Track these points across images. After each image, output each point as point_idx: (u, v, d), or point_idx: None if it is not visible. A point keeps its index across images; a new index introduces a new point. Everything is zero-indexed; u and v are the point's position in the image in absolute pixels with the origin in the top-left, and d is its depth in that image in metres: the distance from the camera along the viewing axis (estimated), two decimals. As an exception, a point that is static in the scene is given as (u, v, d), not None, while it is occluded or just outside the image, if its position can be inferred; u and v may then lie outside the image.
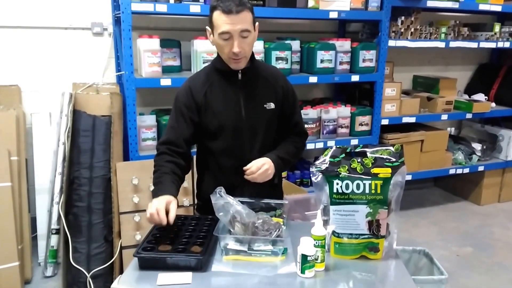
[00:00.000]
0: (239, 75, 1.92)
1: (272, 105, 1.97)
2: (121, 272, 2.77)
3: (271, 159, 1.93)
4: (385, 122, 3.87)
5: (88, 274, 2.85)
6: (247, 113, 1.93)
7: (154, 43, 3.04)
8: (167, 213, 1.68)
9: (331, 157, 1.67)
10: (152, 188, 1.86)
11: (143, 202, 2.91)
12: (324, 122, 3.67)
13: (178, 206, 2.98)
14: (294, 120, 2.08)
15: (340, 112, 3.73)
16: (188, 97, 1.93)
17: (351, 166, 1.65)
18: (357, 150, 1.69)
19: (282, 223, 1.77)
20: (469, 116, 4.24)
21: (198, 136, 1.98)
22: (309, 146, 3.55)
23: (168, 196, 1.72)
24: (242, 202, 1.76)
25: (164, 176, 1.83)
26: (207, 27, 1.88)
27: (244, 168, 1.89)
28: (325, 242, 1.60)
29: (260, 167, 1.88)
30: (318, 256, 1.57)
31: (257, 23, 1.89)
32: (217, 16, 1.78)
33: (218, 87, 1.94)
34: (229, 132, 1.93)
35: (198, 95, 1.93)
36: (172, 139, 1.92)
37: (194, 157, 2.14)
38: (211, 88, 1.94)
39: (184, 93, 1.95)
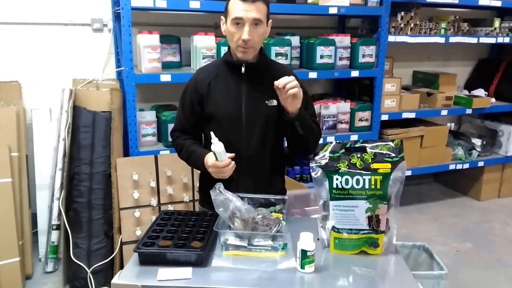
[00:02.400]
0: (243, 68, 1.93)
1: (274, 102, 1.95)
2: (122, 267, 2.77)
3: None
4: (385, 117, 3.87)
5: (89, 269, 2.86)
6: (247, 107, 1.94)
7: (154, 39, 3.04)
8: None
9: (330, 152, 1.68)
10: (189, 162, 2.06)
11: (143, 197, 2.92)
12: (324, 117, 3.67)
13: (178, 202, 3.02)
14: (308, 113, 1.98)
15: (339, 108, 3.73)
16: (193, 89, 2.00)
17: (351, 162, 1.65)
18: (357, 145, 1.70)
19: (281, 219, 1.77)
20: (469, 111, 4.24)
21: (202, 125, 2.03)
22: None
23: (209, 153, 1.88)
24: (241, 198, 1.77)
25: (191, 146, 2.01)
26: (222, 17, 1.91)
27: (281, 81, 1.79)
28: None
29: (291, 81, 1.78)
30: None
31: (270, 20, 1.93)
32: (233, 3, 1.82)
33: (223, 79, 1.97)
34: (227, 123, 1.95)
35: (202, 85, 1.97)
36: (179, 128, 2.09)
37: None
38: (216, 79, 1.98)
39: (190, 85, 2.02)
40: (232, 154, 1.85)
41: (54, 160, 3.17)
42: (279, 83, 1.79)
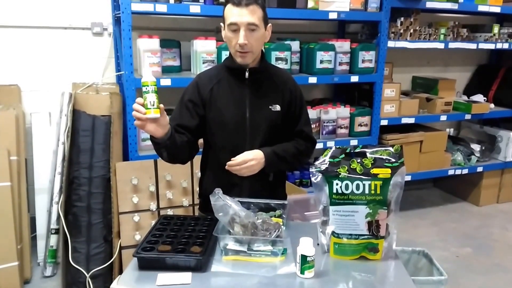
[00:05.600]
0: (246, 74, 1.93)
1: (277, 107, 1.97)
2: (120, 272, 2.77)
3: (264, 153, 1.92)
4: (384, 122, 3.87)
5: (88, 274, 2.85)
6: (251, 113, 1.94)
7: (154, 43, 3.04)
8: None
9: (330, 157, 1.68)
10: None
11: (143, 202, 2.91)
12: (324, 122, 3.67)
13: (178, 206, 3.00)
14: (298, 127, 2.05)
15: (339, 113, 3.74)
16: (194, 93, 1.97)
17: (351, 167, 1.65)
18: (357, 150, 1.70)
19: (281, 223, 1.77)
20: (468, 117, 4.25)
21: (202, 130, 2.00)
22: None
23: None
24: (242, 203, 1.76)
25: None
26: (221, 23, 1.91)
27: (232, 159, 1.89)
28: (156, 87, 1.71)
29: (247, 161, 1.88)
30: (153, 101, 1.69)
31: (270, 24, 1.93)
32: (228, 8, 1.83)
33: (225, 84, 1.97)
34: (230, 129, 1.95)
35: (204, 90, 1.96)
36: (172, 126, 1.90)
37: (199, 157, 2.15)
38: (218, 84, 1.97)
39: (191, 88, 2.00)
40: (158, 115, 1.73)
41: (53, 164, 3.17)
42: (230, 165, 1.88)
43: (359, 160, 1.66)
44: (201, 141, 2.08)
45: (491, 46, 4.24)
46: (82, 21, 3.40)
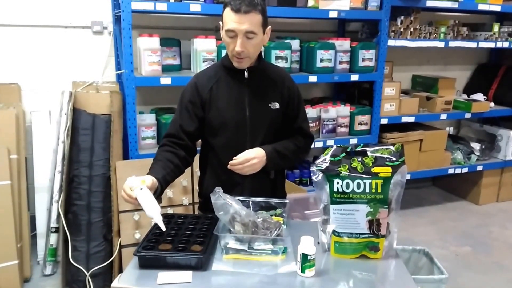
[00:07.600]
0: (246, 73, 1.93)
1: (277, 105, 1.97)
2: (120, 271, 2.77)
3: (265, 151, 1.92)
4: (384, 121, 3.87)
5: (87, 272, 2.85)
6: (251, 112, 1.94)
7: (154, 42, 3.04)
8: None
9: (331, 156, 1.68)
10: None
11: (143, 200, 2.91)
12: (324, 121, 3.67)
13: (178, 205, 3.00)
14: (297, 124, 2.05)
15: (339, 112, 3.74)
16: (193, 93, 1.96)
17: (352, 165, 1.65)
18: (358, 149, 1.70)
19: (282, 222, 1.77)
20: (468, 115, 4.25)
21: (202, 131, 2.00)
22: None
23: (146, 176, 1.72)
24: (242, 201, 1.76)
25: (156, 163, 1.88)
26: (220, 22, 1.89)
27: (233, 158, 1.89)
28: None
29: (249, 160, 1.88)
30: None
31: (269, 27, 1.91)
32: (227, 13, 1.80)
33: (224, 84, 1.96)
34: (231, 129, 1.94)
35: (203, 90, 1.95)
36: (173, 132, 1.97)
37: (197, 155, 2.14)
38: (217, 84, 1.96)
39: (189, 89, 1.98)
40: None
41: (53, 162, 3.17)
42: (232, 164, 1.88)
43: (360, 159, 1.66)
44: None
45: (491, 45, 4.25)
46: (82, 19, 3.40)
